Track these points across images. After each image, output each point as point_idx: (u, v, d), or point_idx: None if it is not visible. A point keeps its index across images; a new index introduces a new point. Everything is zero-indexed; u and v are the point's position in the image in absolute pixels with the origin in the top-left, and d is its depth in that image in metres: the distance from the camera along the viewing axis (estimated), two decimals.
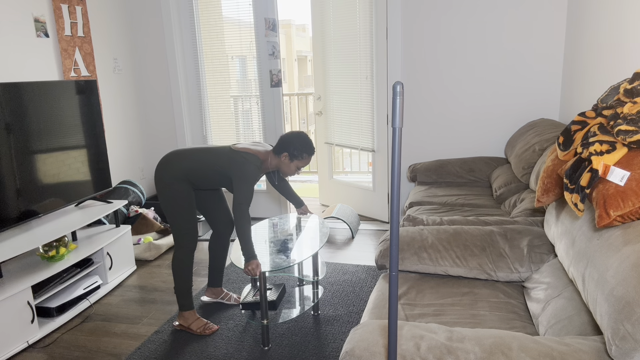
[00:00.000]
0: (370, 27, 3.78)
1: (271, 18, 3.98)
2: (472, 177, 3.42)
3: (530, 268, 1.94)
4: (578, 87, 3.03)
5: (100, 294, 2.99)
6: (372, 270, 3.20)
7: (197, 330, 2.51)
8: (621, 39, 2.33)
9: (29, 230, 2.73)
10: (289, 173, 2.50)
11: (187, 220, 2.45)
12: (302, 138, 2.43)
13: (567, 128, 1.67)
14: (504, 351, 1.19)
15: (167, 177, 2.41)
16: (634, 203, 1.27)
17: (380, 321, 1.38)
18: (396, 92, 0.88)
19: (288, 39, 20.88)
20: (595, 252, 1.34)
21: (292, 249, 2.48)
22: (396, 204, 0.94)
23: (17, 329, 2.41)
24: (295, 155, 2.43)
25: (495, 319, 1.71)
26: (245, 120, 4.27)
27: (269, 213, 4.42)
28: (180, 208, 2.42)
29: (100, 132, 3.26)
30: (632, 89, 1.48)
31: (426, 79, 3.71)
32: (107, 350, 2.43)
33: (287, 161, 2.45)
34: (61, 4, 3.43)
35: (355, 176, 5.84)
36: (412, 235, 2.13)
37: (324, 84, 4.34)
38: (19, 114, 2.64)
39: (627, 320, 1.06)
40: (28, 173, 2.70)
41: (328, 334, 2.46)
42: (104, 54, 3.91)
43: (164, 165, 2.44)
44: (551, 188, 1.75)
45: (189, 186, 2.45)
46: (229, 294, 2.83)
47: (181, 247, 2.49)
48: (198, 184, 2.47)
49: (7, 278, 2.53)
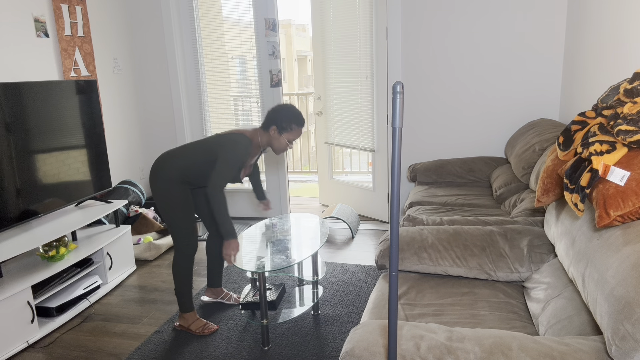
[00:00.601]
0: (370, 27, 3.78)
1: (271, 18, 3.98)
2: (472, 177, 3.42)
3: (530, 268, 1.94)
4: (578, 87, 3.03)
5: (100, 294, 2.99)
6: (372, 270, 3.20)
7: (196, 331, 2.51)
8: (621, 39, 2.33)
9: (29, 230, 2.73)
10: (281, 148, 2.38)
11: (185, 225, 2.41)
12: (290, 109, 2.33)
13: (567, 128, 1.67)
14: (503, 351, 1.18)
15: (163, 181, 2.34)
16: (634, 203, 1.27)
17: (380, 321, 1.38)
18: (396, 92, 0.88)
19: (288, 39, 20.87)
20: (595, 252, 1.34)
21: (291, 249, 2.48)
22: (396, 204, 0.94)
23: (17, 329, 2.41)
24: (283, 128, 2.32)
25: (495, 319, 1.71)
26: (246, 120, 4.27)
27: (269, 213, 4.42)
28: (178, 212, 2.38)
29: (100, 132, 3.26)
30: (632, 89, 1.48)
31: (426, 79, 3.71)
32: (107, 350, 2.43)
33: (276, 135, 2.34)
34: (61, 4, 3.43)
35: (355, 176, 5.84)
36: (412, 235, 2.13)
37: (324, 84, 4.34)
38: (19, 114, 2.64)
39: (627, 320, 1.06)
40: (28, 173, 2.70)
41: (328, 334, 2.46)
42: (104, 54, 3.91)
43: (157, 169, 2.37)
44: (551, 188, 1.75)
45: (186, 188, 2.40)
46: (229, 294, 2.83)
47: (180, 251, 2.46)
48: (196, 181, 2.41)
49: (7, 278, 2.53)
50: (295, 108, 2.35)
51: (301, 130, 2.37)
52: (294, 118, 2.33)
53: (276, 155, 4.22)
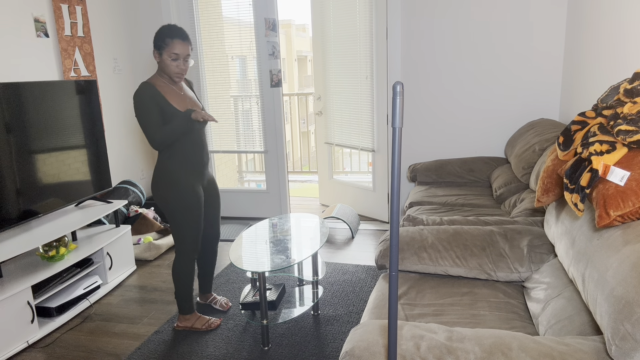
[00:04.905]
0: (370, 27, 3.78)
1: (271, 18, 3.98)
2: (472, 177, 3.42)
3: (530, 268, 1.94)
4: (578, 87, 3.03)
5: (100, 294, 2.99)
6: (372, 270, 3.20)
7: (202, 327, 2.50)
8: (621, 38, 2.33)
9: (29, 230, 2.73)
10: (169, 71, 2.25)
11: (192, 228, 2.40)
12: (161, 27, 2.23)
13: (567, 128, 1.67)
14: (503, 351, 1.18)
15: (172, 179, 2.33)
16: (634, 203, 1.27)
17: (380, 321, 1.38)
18: (396, 92, 0.88)
19: (288, 39, 20.87)
20: (595, 252, 1.34)
21: (291, 249, 2.48)
22: (396, 204, 0.94)
23: (17, 329, 2.41)
24: (159, 47, 2.21)
25: (495, 319, 1.71)
26: (245, 120, 4.27)
27: (269, 213, 4.42)
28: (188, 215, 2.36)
29: (100, 132, 3.26)
30: (632, 89, 1.48)
31: (426, 79, 3.71)
32: (107, 350, 2.43)
33: (159, 59, 2.25)
34: (61, 4, 3.43)
35: (355, 176, 5.84)
36: (412, 235, 2.13)
37: (324, 84, 4.34)
38: (19, 114, 2.64)
39: (627, 320, 1.06)
40: (28, 173, 2.70)
41: (328, 334, 2.46)
42: (104, 54, 3.91)
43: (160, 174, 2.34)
44: (551, 188, 1.75)
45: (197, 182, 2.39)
46: (217, 299, 2.80)
47: (183, 254, 2.45)
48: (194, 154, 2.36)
49: (7, 278, 2.53)
50: (167, 24, 2.23)
51: (178, 42, 2.21)
52: (164, 32, 2.20)
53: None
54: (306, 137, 11.77)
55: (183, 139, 2.34)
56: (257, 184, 6.12)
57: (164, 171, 2.35)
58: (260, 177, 6.12)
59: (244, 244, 2.59)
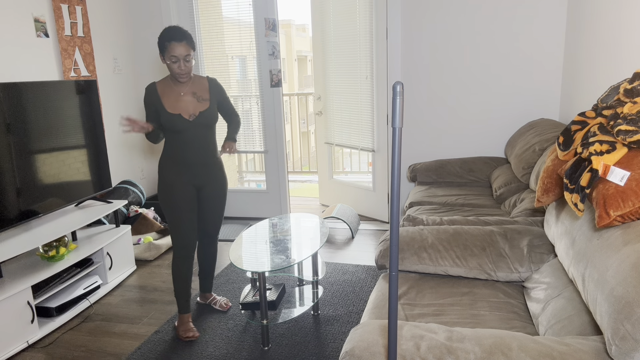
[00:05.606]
0: (370, 27, 3.78)
1: (271, 18, 3.98)
2: (472, 177, 3.42)
3: (530, 268, 1.94)
4: (578, 87, 3.03)
5: (100, 294, 2.99)
6: (372, 270, 3.20)
7: (178, 333, 2.50)
8: (621, 38, 2.33)
9: (29, 230, 2.73)
10: (175, 72, 2.33)
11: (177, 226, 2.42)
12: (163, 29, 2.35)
13: (567, 128, 1.67)
14: (503, 351, 1.18)
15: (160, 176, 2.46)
16: (634, 203, 1.27)
17: (380, 321, 1.38)
18: (396, 92, 0.88)
19: (288, 39, 20.87)
20: (595, 252, 1.34)
21: (291, 249, 2.48)
22: (396, 204, 0.94)
23: (17, 329, 2.41)
24: (161, 50, 2.29)
25: (495, 319, 1.71)
26: (245, 120, 4.27)
27: (269, 213, 4.42)
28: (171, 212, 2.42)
29: (100, 132, 3.26)
30: (632, 89, 1.48)
31: (426, 79, 3.71)
32: (107, 350, 2.43)
33: (164, 61, 2.33)
34: (61, 4, 3.43)
35: (355, 176, 5.85)
36: (412, 235, 2.13)
37: (324, 84, 4.34)
38: (19, 114, 2.64)
39: (627, 320, 1.06)
40: (28, 173, 2.70)
41: (328, 334, 2.46)
42: (104, 54, 3.91)
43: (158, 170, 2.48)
44: (551, 188, 1.75)
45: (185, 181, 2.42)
46: (217, 299, 2.80)
47: (173, 252, 2.48)
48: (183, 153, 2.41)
49: (7, 278, 2.53)
50: (167, 27, 2.29)
51: (174, 45, 2.25)
52: (162, 35, 2.27)
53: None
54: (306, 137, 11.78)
55: (174, 138, 2.41)
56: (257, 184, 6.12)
57: (158, 167, 2.50)
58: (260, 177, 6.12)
59: (244, 244, 2.59)
